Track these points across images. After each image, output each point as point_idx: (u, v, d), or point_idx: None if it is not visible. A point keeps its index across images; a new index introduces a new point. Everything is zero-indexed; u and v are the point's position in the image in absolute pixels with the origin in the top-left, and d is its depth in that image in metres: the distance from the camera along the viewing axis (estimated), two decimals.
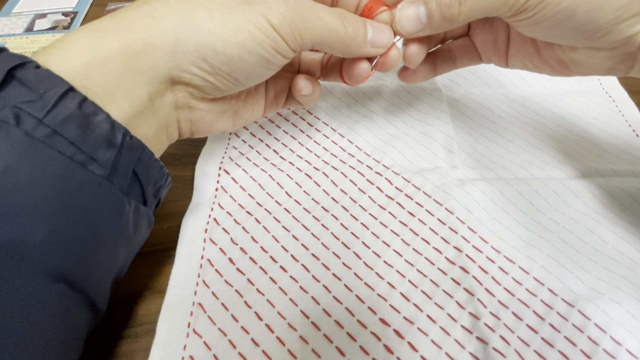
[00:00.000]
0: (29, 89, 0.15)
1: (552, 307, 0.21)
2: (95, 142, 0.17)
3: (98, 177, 0.17)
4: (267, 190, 0.26)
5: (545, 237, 0.24)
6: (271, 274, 0.23)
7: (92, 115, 0.17)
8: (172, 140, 0.23)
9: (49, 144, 0.15)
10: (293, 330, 0.21)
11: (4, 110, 0.15)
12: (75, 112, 0.16)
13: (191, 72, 0.19)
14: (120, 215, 0.18)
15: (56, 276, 0.15)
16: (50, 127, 0.15)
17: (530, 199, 0.26)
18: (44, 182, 0.15)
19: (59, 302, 0.16)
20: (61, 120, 0.16)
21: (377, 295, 0.22)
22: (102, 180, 0.17)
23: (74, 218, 0.16)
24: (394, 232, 0.25)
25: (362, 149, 0.29)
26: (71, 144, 0.16)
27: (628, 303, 0.21)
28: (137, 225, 0.19)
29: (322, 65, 0.26)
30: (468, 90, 0.35)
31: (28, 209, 0.15)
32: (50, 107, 0.15)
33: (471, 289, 0.22)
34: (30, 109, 0.15)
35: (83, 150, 0.16)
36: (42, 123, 0.15)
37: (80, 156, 0.16)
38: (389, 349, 0.20)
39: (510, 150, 0.30)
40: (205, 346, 0.20)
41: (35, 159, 0.15)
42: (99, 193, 0.17)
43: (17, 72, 0.16)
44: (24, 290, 0.15)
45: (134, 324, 0.21)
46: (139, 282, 0.23)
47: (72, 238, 0.16)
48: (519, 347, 0.20)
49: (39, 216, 0.15)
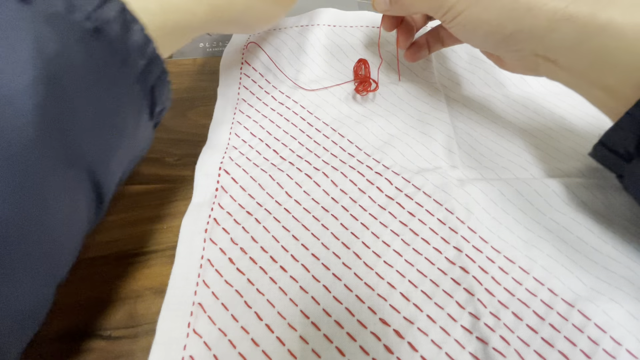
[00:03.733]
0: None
1: (552, 307, 0.21)
2: (131, 48, 0.18)
3: (130, 79, 0.18)
4: (267, 190, 0.26)
5: (546, 237, 0.24)
6: (271, 274, 0.23)
7: (131, 22, 0.18)
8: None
9: (96, 38, 0.17)
10: (293, 330, 0.21)
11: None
12: (118, 15, 0.17)
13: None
14: (138, 120, 0.20)
15: (85, 163, 0.17)
16: (96, 23, 0.17)
17: (530, 199, 0.26)
18: (91, 71, 0.17)
19: (79, 189, 0.17)
20: (106, 19, 0.17)
21: (377, 295, 0.22)
22: (132, 83, 0.19)
23: (109, 110, 0.18)
24: (394, 232, 0.25)
25: (362, 149, 0.29)
26: (110, 43, 0.17)
27: (628, 303, 0.21)
28: (143, 135, 0.21)
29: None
30: (468, 90, 0.35)
31: (79, 89, 0.16)
32: (97, 5, 0.17)
33: (471, 289, 0.22)
34: (80, 2, 0.16)
35: (119, 51, 0.18)
36: (90, 18, 0.17)
37: (117, 56, 0.18)
38: (389, 349, 0.20)
39: (510, 150, 0.30)
40: (205, 346, 0.20)
41: (85, 47, 0.16)
42: (128, 94, 0.19)
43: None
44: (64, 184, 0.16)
45: (134, 324, 0.21)
46: (139, 282, 0.23)
47: (104, 129, 0.17)
48: (519, 347, 0.20)
49: (86, 99, 0.16)
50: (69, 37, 0.16)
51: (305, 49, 0.35)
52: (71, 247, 0.17)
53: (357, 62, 0.34)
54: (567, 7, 0.21)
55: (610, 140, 0.23)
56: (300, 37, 0.36)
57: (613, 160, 0.24)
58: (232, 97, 0.32)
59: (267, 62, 0.35)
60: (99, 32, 0.17)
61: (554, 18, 0.21)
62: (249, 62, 0.35)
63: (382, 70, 0.35)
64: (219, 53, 0.37)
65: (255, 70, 0.34)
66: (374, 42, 0.36)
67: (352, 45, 0.36)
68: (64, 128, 0.15)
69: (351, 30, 0.37)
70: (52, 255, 0.16)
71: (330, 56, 0.35)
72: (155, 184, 0.27)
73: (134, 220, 0.25)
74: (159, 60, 0.20)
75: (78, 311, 0.21)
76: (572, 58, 0.22)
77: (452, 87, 0.35)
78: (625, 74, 0.21)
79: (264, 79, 0.34)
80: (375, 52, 0.36)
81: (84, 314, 0.21)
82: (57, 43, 0.15)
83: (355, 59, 0.35)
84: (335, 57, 0.35)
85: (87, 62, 0.16)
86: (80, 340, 0.21)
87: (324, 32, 0.36)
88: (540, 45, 0.23)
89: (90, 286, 0.22)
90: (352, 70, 0.35)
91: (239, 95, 0.33)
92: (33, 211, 0.14)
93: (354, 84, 0.33)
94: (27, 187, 0.14)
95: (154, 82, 0.20)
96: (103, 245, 0.24)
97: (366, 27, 0.37)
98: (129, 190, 0.27)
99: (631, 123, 0.21)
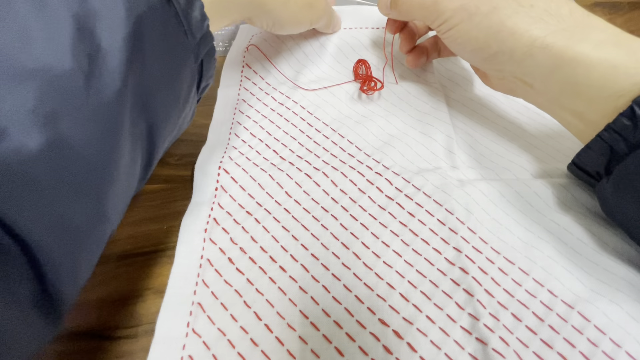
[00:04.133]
0: None
1: (551, 308, 0.21)
2: (192, 20, 0.20)
3: (189, 50, 0.21)
4: (267, 190, 0.26)
5: (545, 238, 0.24)
6: (270, 273, 0.23)
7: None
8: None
9: (168, 7, 0.19)
10: (292, 330, 0.21)
11: None
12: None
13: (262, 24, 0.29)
14: (190, 90, 0.22)
15: (148, 121, 0.19)
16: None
17: (530, 200, 0.26)
18: (163, 35, 0.19)
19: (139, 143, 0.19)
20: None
21: (377, 296, 0.22)
22: (190, 53, 0.21)
23: (172, 75, 0.20)
24: (393, 232, 0.25)
25: (362, 149, 0.29)
26: (177, 14, 0.19)
27: (628, 305, 0.21)
28: (189, 109, 0.23)
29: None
30: (468, 90, 0.34)
31: (154, 50, 0.18)
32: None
33: (471, 289, 0.22)
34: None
35: (183, 22, 0.20)
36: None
37: (181, 26, 0.20)
38: (388, 349, 0.20)
39: (511, 151, 0.30)
40: (205, 346, 0.20)
41: (162, 13, 0.18)
42: (186, 63, 0.21)
43: None
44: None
45: (134, 324, 0.21)
46: (139, 282, 0.23)
47: (166, 91, 0.20)
48: (518, 348, 0.20)
49: (157, 61, 0.18)
50: (153, 2, 0.18)
51: (305, 50, 0.35)
52: (125, 202, 0.19)
53: (357, 63, 0.34)
54: (546, 37, 0.23)
55: (582, 161, 0.25)
56: (300, 37, 0.36)
57: (586, 178, 0.25)
58: (232, 97, 0.33)
59: (267, 64, 0.35)
60: (170, 3, 0.19)
61: (533, 45, 0.23)
62: (249, 64, 0.35)
63: (384, 70, 0.35)
64: (220, 54, 0.37)
65: (255, 73, 0.35)
66: (373, 43, 0.36)
67: (351, 46, 0.36)
68: (140, 83, 0.18)
69: (351, 32, 0.37)
70: (116, 203, 0.18)
71: (330, 57, 0.35)
72: (155, 184, 0.27)
73: (134, 220, 0.25)
74: (211, 37, 0.22)
75: (78, 311, 0.21)
76: (545, 84, 0.24)
77: (452, 87, 0.35)
78: (593, 103, 0.22)
79: (264, 81, 0.34)
80: (374, 53, 0.36)
81: (83, 314, 0.21)
82: (144, 6, 0.17)
83: (354, 59, 0.35)
84: (335, 58, 0.36)
85: (161, 26, 0.18)
86: (80, 340, 0.21)
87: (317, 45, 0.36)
88: (518, 68, 0.25)
89: (90, 286, 0.22)
90: (351, 70, 0.35)
91: (239, 96, 0.33)
92: (112, 153, 0.16)
93: (356, 83, 0.34)
94: (112, 130, 0.16)
95: (204, 57, 0.22)
96: None
97: (365, 29, 0.37)
98: None
99: (600, 146, 0.22)
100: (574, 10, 0.24)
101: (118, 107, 0.16)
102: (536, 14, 0.24)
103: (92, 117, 0.15)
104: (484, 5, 0.24)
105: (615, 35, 0.22)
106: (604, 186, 0.23)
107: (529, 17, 0.23)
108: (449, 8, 0.25)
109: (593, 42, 0.22)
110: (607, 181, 0.22)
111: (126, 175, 0.18)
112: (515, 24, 0.24)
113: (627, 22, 0.45)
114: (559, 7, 0.24)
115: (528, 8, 0.24)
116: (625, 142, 0.21)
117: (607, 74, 0.21)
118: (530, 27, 0.23)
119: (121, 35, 0.16)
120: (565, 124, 0.25)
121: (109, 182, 0.17)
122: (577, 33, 0.23)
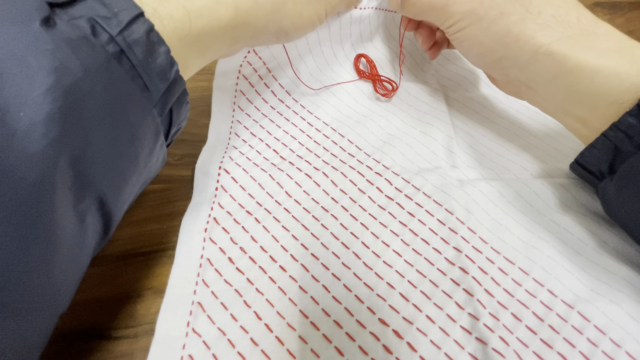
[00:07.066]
0: (104, 5, 0.16)
1: (551, 308, 0.21)
2: (154, 72, 0.17)
3: (149, 104, 0.18)
4: (267, 189, 0.26)
5: (545, 238, 0.24)
6: (270, 273, 0.23)
7: (156, 45, 0.17)
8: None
9: (118, 62, 0.16)
10: (292, 330, 0.21)
11: (80, 20, 0.15)
12: (143, 37, 0.17)
13: (262, 41, 0.26)
14: (154, 145, 0.19)
15: (97, 193, 0.16)
16: (120, 46, 0.16)
17: (530, 200, 0.26)
18: (110, 98, 0.16)
19: (87, 221, 0.16)
20: (131, 41, 0.16)
21: (377, 296, 0.22)
22: (151, 108, 0.18)
23: (125, 139, 0.17)
24: (393, 232, 0.25)
25: (362, 149, 0.29)
26: (133, 67, 0.17)
27: (628, 305, 0.21)
28: (157, 160, 0.21)
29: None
30: (468, 90, 0.34)
31: (96, 119, 0.15)
32: (123, 27, 0.16)
33: (470, 289, 0.22)
34: (106, 24, 0.16)
35: (141, 76, 0.17)
36: (114, 40, 0.16)
37: (138, 81, 0.17)
38: (388, 349, 0.20)
39: (511, 150, 0.30)
40: (205, 345, 0.20)
41: (107, 73, 0.16)
42: (145, 120, 0.18)
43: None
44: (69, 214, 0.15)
45: (134, 324, 0.21)
46: (139, 282, 0.23)
47: (118, 158, 0.17)
48: (518, 348, 0.20)
49: (102, 129, 0.16)
50: (91, 64, 0.15)
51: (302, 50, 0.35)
52: (76, 279, 0.16)
53: (356, 58, 0.34)
54: (550, 44, 0.23)
55: (585, 160, 0.25)
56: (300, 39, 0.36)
57: (588, 178, 0.25)
58: (229, 90, 0.32)
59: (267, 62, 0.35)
60: (122, 55, 0.16)
61: (538, 51, 0.24)
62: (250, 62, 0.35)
63: (384, 70, 0.35)
64: None
65: (255, 71, 0.34)
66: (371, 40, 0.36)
67: (351, 42, 0.36)
68: (78, 160, 0.15)
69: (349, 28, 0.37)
70: (56, 292, 0.15)
71: (332, 56, 0.35)
72: (155, 184, 0.27)
73: (134, 220, 0.25)
74: (181, 82, 0.19)
75: (78, 311, 0.21)
76: (549, 90, 0.24)
77: (452, 87, 0.35)
78: (596, 110, 0.22)
79: (262, 81, 0.34)
80: (373, 50, 0.35)
81: (84, 314, 0.21)
82: (78, 71, 0.14)
83: (353, 55, 0.34)
84: (336, 56, 0.35)
85: (106, 89, 0.15)
86: (80, 340, 0.21)
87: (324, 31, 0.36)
88: (522, 74, 0.25)
89: (91, 286, 0.22)
90: (351, 67, 0.34)
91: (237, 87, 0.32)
92: (40, 254, 0.13)
93: (359, 82, 0.33)
94: (36, 226, 0.13)
95: (173, 104, 0.20)
96: None
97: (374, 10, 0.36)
98: None
99: (605, 144, 0.22)
100: (582, 17, 0.24)
101: (44, 197, 0.13)
102: (543, 20, 0.24)
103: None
104: (492, 10, 0.24)
105: (619, 42, 0.23)
106: (607, 185, 0.23)
107: (536, 24, 0.24)
108: (459, 11, 0.26)
109: (597, 50, 0.22)
110: (610, 180, 0.22)
111: (70, 261, 0.15)
112: (521, 31, 0.24)
113: (627, 22, 0.45)
114: (567, 13, 0.24)
115: (535, 15, 0.24)
116: (631, 140, 0.21)
117: (610, 81, 0.21)
118: (536, 34, 0.23)
119: (43, 114, 0.13)
120: (568, 127, 0.25)
121: (41, 285, 0.14)
122: (582, 41, 0.23)
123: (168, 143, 0.22)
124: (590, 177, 0.25)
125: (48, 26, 0.14)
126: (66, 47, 0.14)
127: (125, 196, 0.18)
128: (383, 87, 0.33)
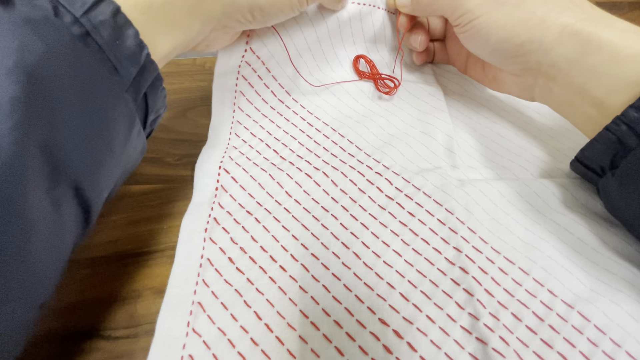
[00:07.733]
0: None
1: (551, 308, 0.21)
2: (122, 54, 0.17)
3: (121, 88, 0.17)
4: (267, 189, 0.26)
5: (546, 238, 0.24)
6: (271, 273, 0.23)
7: (123, 27, 0.17)
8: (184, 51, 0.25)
9: (84, 44, 0.16)
10: (292, 330, 0.21)
11: (41, 0, 0.15)
12: (109, 19, 0.16)
13: (237, 19, 0.25)
14: (129, 132, 0.19)
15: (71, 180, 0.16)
16: (85, 28, 0.16)
17: (531, 200, 0.26)
18: (77, 81, 0.15)
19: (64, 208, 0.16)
20: (97, 23, 0.16)
21: (377, 295, 0.22)
22: (123, 92, 0.17)
23: (96, 123, 0.16)
24: (393, 232, 0.25)
25: (362, 149, 0.29)
26: (101, 49, 0.16)
27: (628, 305, 0.21)
28: (135, 147, 0.20)
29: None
30: (468, 90, 0.34)
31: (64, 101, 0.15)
32: (87, 8, 0.16)
33: (471, 289, 0.22)
34: (69, 5, 0.15)
35: (110, 58, 0.17)
36: (78, 22, 0.16)
37: (107, 64, 0.16)
38: (388, 349, 0.20)
39: (511, 150, 0.30)
40: (205, 345, 0.20)
41: (73, 55, 0.15)
42: (117, 105, 0.17)
43: None
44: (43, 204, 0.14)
45: (134, 324, 0.21)
46: (139, 282, 0.23)
47: (91, 143, 0.16)
48: (518, 347, 0.20)
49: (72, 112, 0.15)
50: (54, 44, 0.14)
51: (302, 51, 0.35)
52: (56, 268, 0.16)
53: (355, 59, 0.34)
54: (575, 23, 0.23)
55: (586, 156, 0.25)
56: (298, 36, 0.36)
57: (589, 175, 0.25)
58: (230, 89, 0.32)
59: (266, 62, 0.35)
60: (88, 37, 0.16)
61: (563, 32, 0.24)
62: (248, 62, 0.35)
63: (383, 70, 0.35)
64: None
65: (254, 72, 0.34)
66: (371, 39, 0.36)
67: (351, 41, 0.36)
68: (48, 143, 0.14)
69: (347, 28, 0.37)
70: (34, 281, 0.15)
71: (332, 55, 0.35)
72: (155, 184, 0.27)
73: (134, 220, 0.25)
74: (154, 66, 0.19)
75: (78, 311, 0.21)
76: (571, 72, 0.24)
77: (452, 87, 0.35)
78: (613, 92, 0.22)
79: (262, 82, 0.34)
80: (373, 50, 0.35)
81: (84, 314, 0.21)
82: (40, 51, 0.14)
83: (352, 55, 0.34)
84: (337, 55, 0.35)
85: (73, 71, 0.15)
86: (80, 340, 0.21)
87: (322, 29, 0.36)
88: (546, 57, 0.25)
89: (90, 286, 0.22)
90: (351, 67, 0.34)
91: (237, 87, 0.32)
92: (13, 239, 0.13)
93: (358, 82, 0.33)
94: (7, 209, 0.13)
95: (147, 90, 0.19)
96: (103, 245, 0.24)
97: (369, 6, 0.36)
98: (129, 190, 0.27)
99: (608, 139, 0.22)
100: (594, 6, 0.25)
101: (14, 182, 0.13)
102: (563, 3, 0.24)
103: None
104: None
105: (632, 25, 0.23)
106: (609, 181, 0.23)
107: (558, 7, 0.24)
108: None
109: (617, 29, 0.23)
110: (612, 176, 0.22)
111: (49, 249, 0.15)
112: (546, 12, 0.24)
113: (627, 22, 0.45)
114: (582, 0, 0.25)
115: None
116: (635, 133, 0.21)
117: (630, 61, 0.22)
118: (561, 15, 0.24)
119: (6, 97, 0.13)
120: (581, 119, 0.25)
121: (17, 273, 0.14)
122: (603, 22, 0.23)
123: (148, 132, 0.22)
124: (591, 175, 0.25)
125: (6, 5, 0.14)
126: (26, 27, 0.14)
127: (103, 184, 0.18)
128: (385, 85, 0.33)
